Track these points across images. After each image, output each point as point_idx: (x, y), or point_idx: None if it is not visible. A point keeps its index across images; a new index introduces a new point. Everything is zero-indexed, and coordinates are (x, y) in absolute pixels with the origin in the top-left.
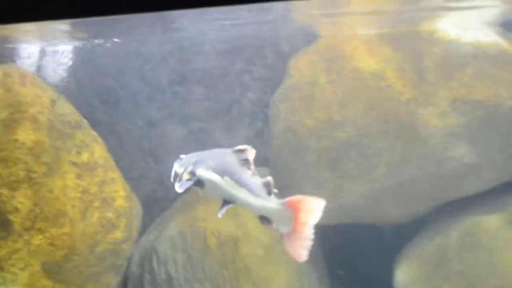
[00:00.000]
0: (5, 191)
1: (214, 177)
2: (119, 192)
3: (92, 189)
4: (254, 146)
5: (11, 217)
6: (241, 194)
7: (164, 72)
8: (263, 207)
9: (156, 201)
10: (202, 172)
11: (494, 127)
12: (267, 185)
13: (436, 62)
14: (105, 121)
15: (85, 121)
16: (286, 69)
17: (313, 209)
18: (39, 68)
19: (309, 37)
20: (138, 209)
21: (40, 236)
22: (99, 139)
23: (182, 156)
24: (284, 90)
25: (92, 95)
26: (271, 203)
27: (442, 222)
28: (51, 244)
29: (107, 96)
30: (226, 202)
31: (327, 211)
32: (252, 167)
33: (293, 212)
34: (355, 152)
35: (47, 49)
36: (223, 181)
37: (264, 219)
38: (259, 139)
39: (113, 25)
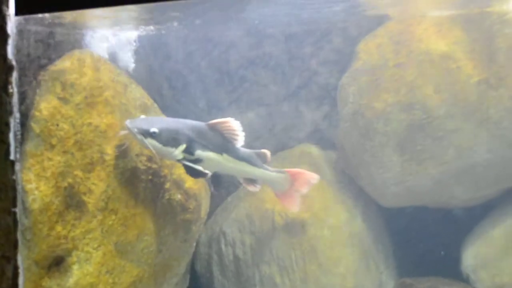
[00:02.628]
0: (79, 173)
1: (214, 156)
2: None
3: (163, 171)
4: (322, 130)
5: (85, 198)
6: (242, 167)
7: (232, 56)
8: (263, 175)
9: (223, 184)
10: (201, 153)
11: None
12: (261, 156)
13: (508, 43)
14: (173, 106)
15: (155, 105)
16: (353, 52)
17: (307, 182)
18: (111, 53)
19: (377, 20)
20: (207, 191)
21: (113, 217)
22: None
23: (133, 120)
24: (352, 73)
25: (162, 80)
26: (273, 172)
27: None
28: (123, 224)
29: (176, 81)
30: (217, 174)
31: (394, 194)
32: (241, 139)
33: (291, 180)
34: (424, 135)
35: (118, 34)
36: (222, 158)
37: (250, 181)
38: (326, 122)
39: (183, 10)
